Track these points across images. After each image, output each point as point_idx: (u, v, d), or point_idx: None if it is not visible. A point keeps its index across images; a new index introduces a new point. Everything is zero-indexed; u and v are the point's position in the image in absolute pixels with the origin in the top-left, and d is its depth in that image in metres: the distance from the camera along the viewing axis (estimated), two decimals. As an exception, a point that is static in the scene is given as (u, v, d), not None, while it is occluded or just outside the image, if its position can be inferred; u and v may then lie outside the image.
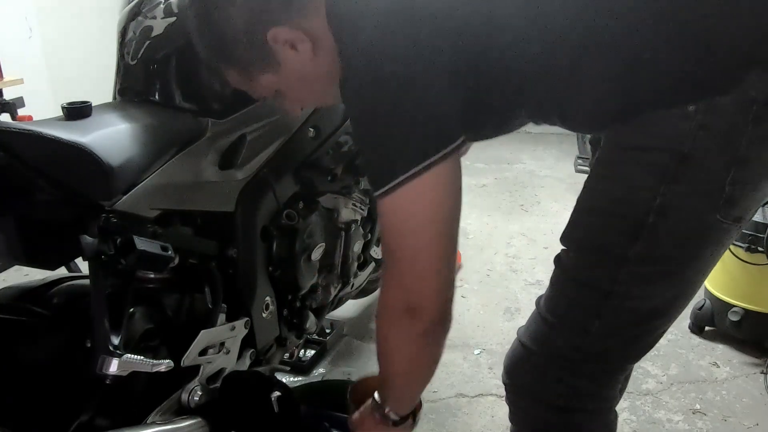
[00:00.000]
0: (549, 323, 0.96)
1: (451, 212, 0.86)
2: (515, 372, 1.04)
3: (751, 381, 1.80)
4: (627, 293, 0.90)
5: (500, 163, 3.94)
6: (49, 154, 0.89)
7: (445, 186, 0.83)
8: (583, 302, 0.93)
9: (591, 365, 0.96)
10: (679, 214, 0.84)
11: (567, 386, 0.97)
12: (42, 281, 1.05)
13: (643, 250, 0.86)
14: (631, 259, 0.87)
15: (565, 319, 0.95)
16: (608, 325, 0.92)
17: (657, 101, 0.81)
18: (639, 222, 0.85)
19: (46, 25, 3.56)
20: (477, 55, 0.83)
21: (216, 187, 1.16)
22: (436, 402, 1.71)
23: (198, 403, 1.09)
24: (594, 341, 0.94)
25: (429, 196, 0.82)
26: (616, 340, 0.95)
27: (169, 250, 1.00)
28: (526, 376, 1.02)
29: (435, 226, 0.84)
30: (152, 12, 1.17)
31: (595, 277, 0.91)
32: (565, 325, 0.95)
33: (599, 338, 0.93)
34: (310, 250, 1.37)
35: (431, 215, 0.84)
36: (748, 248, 1.81)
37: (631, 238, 0.86)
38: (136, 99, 1.18)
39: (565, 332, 0.95)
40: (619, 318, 0.92)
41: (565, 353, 0.95)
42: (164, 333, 1.09)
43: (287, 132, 1.30)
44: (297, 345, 1.49)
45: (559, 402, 0.99)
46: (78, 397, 0.96)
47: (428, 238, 0.84)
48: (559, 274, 0.97)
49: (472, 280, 2.45)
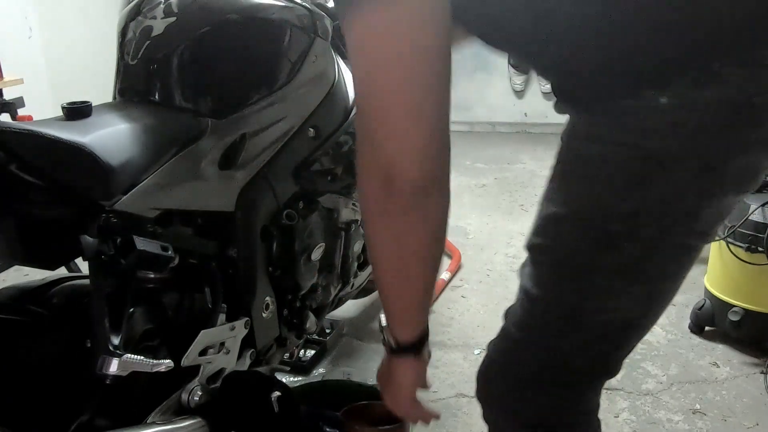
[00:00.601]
0: (514, 339, 0.87)
1: (432, 53, 0.69)
2: (487, 389, 0.94)
3: (751, 381, 1.80)
4: (595, 308, 0.81)
5: (500, 163, 3.94)
6: (49, 154, 0.89)
7: (423, 18, 0.66)
8: (549, 318, 0.83)
9: (561, 383, 0.87)
10: (648, 222, 0.74)
11: (539, 404, 0.88)
12: (42, 281, 1.05)
13: (612, 261, 0.77)
14: (599, 270, 0.78)
15: (532, 336, 0.86)
16: (576, 342, 0.83)
17: (622, 85, 0.71)
18: (606, 230, 0.75)
19: (46, 25, 3.56)
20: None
21: (216, 187, 1.16)
22: (436, 402, 1.71)
23: (198, 403, 1.09)
24: (562, 358, 0.85)
25: (403, 25, 0.65)
26: (585, 357, 0.85)
27: (169, 250, 1.00)
28: (498, 393, 0.92)
29: (410, 64, 0.67)
30: (152, 12, 1.17)
31: (561, 291, 0.82)
32: (531, 342, 0.86)
33: (567, 355, 0.84)
34: (310, 250, 1.37)
35: (406, 50, 0.67)
36: (748, 248, 1.81)
37: (599, 248, 0.77)
38: (136, 99, 1.18)
39: (532, 349, 0.86)
40: (587, 334, 0.83)
41: (534, 370, 0.86)
42: (164, 333, 1.09)
43: (287, 132, 1.30)
44: (297, 345, 1.49)
45: (533, 419, 0.89)
46: (78, 397, 0.96)
47: (401, 78, 0.68)
48: (523, 285, 0.86)
49: (472, 280, 2.45)
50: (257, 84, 1.23)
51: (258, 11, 1.22)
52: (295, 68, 1.29)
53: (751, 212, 1.79)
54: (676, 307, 2.22)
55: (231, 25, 1.19)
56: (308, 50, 1.31)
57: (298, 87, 1.29)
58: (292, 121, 1.30)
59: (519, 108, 4.67)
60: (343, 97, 1.45)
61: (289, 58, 1.28)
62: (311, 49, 1.31)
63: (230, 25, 1.19)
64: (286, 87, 1.27)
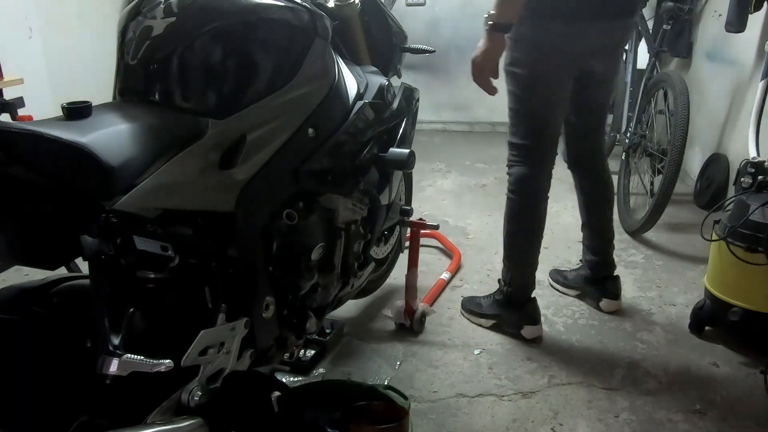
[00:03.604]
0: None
1: None
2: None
3: (751, 381, 1.80)
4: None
5: (500, 163, 3.89)
6: (49, 154, 0.89)
7: None
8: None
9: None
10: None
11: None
12: (42, 281, 1.05)
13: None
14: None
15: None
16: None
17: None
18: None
19: (46, 25, 3.56)
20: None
21: (216, 187, 1.16)
22: (436, 402, 1.71)
23: (198, 403, 1.09)
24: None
25: None
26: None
27: (169, 250, 1.00)
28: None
29: None
30: (152, 12, 1.17)
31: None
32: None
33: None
34: (310, 250, 1.37)
35: None
36: (747, 248, 1.81)
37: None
38: (136, 99, 1.18)
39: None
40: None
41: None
42: (164, 333, 1.09)
43: (287, 132, 1.30)
44: (297, 345, 1.49)
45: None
46: (78, 397, 0.96)
47: None
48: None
49: (472, 280, 2.45)
50: (257, 84, 1.23)
51: (258, 11, 1.22)
52: (294, 68, 1.29)
53: (751, 212, 1.79)
54: (676, 307, 2.22)
55: (231, 25, 1.19)
56: (308, 50, 1.31)
57: (297, 87, 1.29)
58: (292, 120, 1.31)
59: (519, 108, 4.73)
60: (343, 97, 1.45)
61: (289, 58, 1.28)
62: (311, 49, 1.31)
63: (230, 25, 1.19)
64: (286, 87, 1.27)
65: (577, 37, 1.75)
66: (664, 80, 2.83)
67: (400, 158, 1.56)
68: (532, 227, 1.95)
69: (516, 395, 1.74)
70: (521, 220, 1.95)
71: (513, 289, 2.02)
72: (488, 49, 1.63)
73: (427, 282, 2.31)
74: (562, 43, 1.74)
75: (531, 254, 1.98)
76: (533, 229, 1.95)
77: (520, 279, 2.01)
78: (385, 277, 2.19)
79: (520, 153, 1.90)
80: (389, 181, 1.70)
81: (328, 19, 1.37)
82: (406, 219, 2.01)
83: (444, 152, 4.23)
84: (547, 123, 1.87)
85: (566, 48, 1.76)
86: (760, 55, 2.64)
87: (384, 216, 1.74)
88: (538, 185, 1.92)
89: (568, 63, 1.80)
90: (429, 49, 1.91)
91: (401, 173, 1.86)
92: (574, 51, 1.78)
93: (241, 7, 1.21)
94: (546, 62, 1.77)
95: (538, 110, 1.85)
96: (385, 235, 2.07)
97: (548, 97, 1.83)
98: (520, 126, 1.87)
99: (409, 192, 2.20)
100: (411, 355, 1.93)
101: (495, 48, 1.64)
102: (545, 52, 1.75)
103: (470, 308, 2.15)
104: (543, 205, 1.93)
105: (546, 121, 1.86)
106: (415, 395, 1.73)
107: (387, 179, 1.68)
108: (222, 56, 1.19)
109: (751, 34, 2.74)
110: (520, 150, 1.90)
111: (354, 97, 1.49)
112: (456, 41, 4.64)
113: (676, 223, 2.96)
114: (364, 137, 1.51)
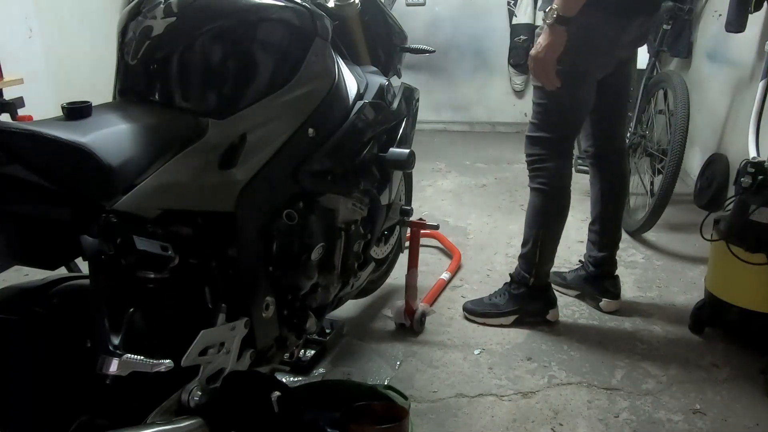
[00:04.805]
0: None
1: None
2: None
3: (751, 381, 1.80)
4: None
5: (500, 163, 3.94)
6: (49, 154, 0.89)
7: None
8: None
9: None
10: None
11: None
12: (42, 281, 1.05)
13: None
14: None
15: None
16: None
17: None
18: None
19: (46, 25, 3.56)
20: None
21: (216, 187, 1.16)
22: (436, 402, 1.71)
23: (198, 403, 1.09)
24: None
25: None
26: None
27: (169, 250, 1.00)
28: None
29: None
30: (152, 12, 1.17)
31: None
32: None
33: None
34: (310, 250, 1.37)
35: None
36: (748, 248, 1.81)
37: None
38: (136, 99, 1.18)
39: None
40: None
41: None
42: (164, 333, 1.09)
43: (287, 132, 1.30)
44: (297, 345, 1.49)
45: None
46: (78, 397, 0.96)
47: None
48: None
49: (472, 280, 2.45)
50: (257, 84, 1.23)
51: (258, 11, 1.22)
52: (295, 68, 1.29)
53: (751, 212, 1.79)
54: (676, 307, 2.22)
55: (231, 25, 1.19)
56: (308, 50, 1.31)
57: (298, 87, 1.29)
58: (291, 120, 1.30)
59: (519, 108, 4.66)
60: (343, 97, 1.44)
61: (289, 58, 1.28)
62: (311, 49, 1.31)
63: (230, 25, 1.19)
64: (286, 87, 1.27)
65: (621, 31, 1.79)
66: (664, 80, 2.83)
67: (400, 158, 1.56)
68: (563, 215, 2.02)
69: (516, 395, 1.74)
70: (555, 212, 2.01)
71: (538, 279, 2.06)
72: (551, 43, 1.69)
73: (427, 282, 2.31)
74: (606, 40, 1.78)
75: (557, 242, 2.06)
76: (564, 217, 2.03)
77: (546, 267, 2.07)
78: (385, 277, 2.19)
79: (548, 147, 1.95)
80: (389, 181, 1.70)
81: (328, 19, 1.37)
82: (406, 219, 2.01)
83: (444, 152, 4.23)
84: (578, 117, 1.94)
85: (610, 44, 1.80)
86: (760, 55, 2.64)
87: (384, 216, 1.74)
88: (569, 177, 2.00)
89: (610, 60, 1.87)
90: (429, 49, 1.91)
91: (401, 173, 1.86)
92: (617, 46, 1.83)
93: (241, 7, 1.21)
94: (589, 60, 1.81)
95: (571, 106, 1.89)
96: (385, 235, 2.07)
97: (583, 94, 1.88)
98: (549, 121, 1.92)
99: (409, 192, 2.21)
100: (411, 355, 1.93)
101: (558, 41, 1.68)
102: (589, 50, 1.78)
103: (485, 311, 2.13)
104: (570, 194, 2.02)
105: (578, 116, 1.93)
106: (415, 395, 1.73)
107: (387, 179, 1.68)
108: (222, 56, 1.19)
109: (751, 34, 2.74)
110: (548, 144, 1.94)
111: (354, 97, 1.49)
112: (456, 41, 4.64)
113: (676, 223, 2.97)
114: (364, 137, 1.51)
